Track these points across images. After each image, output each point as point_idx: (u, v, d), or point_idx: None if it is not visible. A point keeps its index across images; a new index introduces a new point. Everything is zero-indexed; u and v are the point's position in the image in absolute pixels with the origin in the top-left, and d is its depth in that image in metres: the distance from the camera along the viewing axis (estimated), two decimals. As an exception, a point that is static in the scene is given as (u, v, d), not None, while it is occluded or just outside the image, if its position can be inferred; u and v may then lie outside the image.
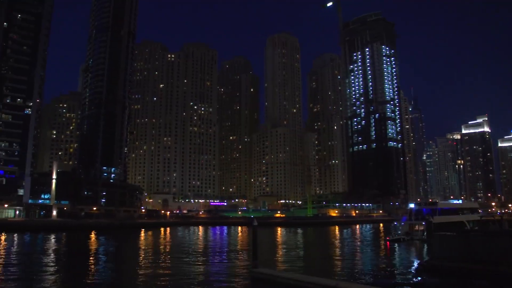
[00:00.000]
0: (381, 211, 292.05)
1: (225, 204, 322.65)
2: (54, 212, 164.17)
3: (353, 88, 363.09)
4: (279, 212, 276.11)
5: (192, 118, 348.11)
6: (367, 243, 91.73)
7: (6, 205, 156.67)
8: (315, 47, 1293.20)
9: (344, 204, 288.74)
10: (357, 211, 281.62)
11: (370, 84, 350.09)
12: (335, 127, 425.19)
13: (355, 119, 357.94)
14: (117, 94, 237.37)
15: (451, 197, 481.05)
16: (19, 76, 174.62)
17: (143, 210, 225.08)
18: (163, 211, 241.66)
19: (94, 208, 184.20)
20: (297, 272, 42.85)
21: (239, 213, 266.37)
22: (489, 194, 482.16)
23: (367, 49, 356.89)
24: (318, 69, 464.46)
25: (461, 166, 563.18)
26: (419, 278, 41.54)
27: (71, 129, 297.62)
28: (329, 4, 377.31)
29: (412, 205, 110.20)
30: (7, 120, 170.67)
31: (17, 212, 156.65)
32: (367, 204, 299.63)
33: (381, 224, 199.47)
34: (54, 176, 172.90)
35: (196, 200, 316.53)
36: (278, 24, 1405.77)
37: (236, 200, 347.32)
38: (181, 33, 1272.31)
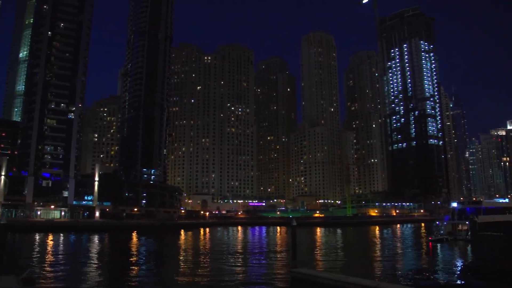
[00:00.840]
0: (422, 211, 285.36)
1: (264, 204, 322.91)
2: (97, 213, 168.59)
3: (392, 85, 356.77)
4: (317, 212, 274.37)
5: (229, 119, 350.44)
6: (408, 243, 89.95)
7: (52, 207, 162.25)
8: (351, 44, 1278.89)
9: (384, 204, 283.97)
10: (397, 211, 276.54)
11: (409, 80, 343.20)
12: (374, 125, 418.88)
13: (394, 117, 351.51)
14: (156, 97, 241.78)
15: (497, 195, 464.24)
16: (62, 82, 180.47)
17: (183, 211, 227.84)
18: (202, 212, 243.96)
19: (135, 209, 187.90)
20: (337, 272, 42.43)
21: (278, 213, 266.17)
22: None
23: (405, 45, 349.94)
24: (355, 67, 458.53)
25: (507, 163, 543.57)
26: (464, 280, 40.37)
27: (111, 132, 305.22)
28: (365, 0, 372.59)
29: (455, 204, 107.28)
30: (52, 125, 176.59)
31: (63, 213, 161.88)
32: (407, 204, 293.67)
33: (423, 224, 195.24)
34: (96, 178, 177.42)
35: (235, 201, 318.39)
36: (313, 23, 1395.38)
37: (275, 200, 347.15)
38: (217, 35, 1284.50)
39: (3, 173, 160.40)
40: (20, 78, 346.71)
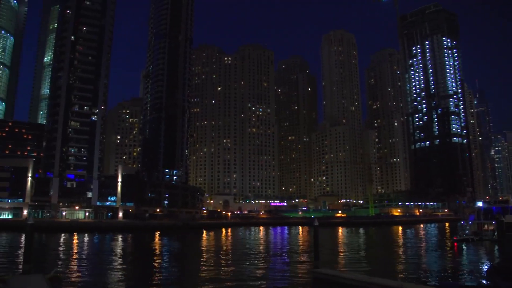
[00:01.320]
0: (446, 210, 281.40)
1: (285, 204, 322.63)
2: (120, 214, 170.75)
3: (414, 83, 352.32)
4: (340, 211, 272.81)
5: (250, 119, 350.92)
6: (433, 244, 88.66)
7: (77, 207, 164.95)
8: (371, 43, 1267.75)
9: (407, 203, 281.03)
10: (420, 210, 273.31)
11: (431, 78, 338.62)
12: (396, 124, 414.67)
13: (417, 115, 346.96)
14: (177, 98, 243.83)
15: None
16: (85, 85, 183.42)
17: (205, 211, 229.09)
18: (224, 212, 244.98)
19: (158, 210, 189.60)
20: (360, 272, 42.10)
21: (300, 213, 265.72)
22: None
23: (427, 42, 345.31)
24: (376, 65, 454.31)
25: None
26: (490, 282, 39.57)
27: (134, 134, 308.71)
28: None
29: (480, 204, 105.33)
30: (75, 127, 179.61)
31: (87, 213, 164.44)
32: (431, 203, 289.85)
33: (447, 224, 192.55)
34: (119, 179, 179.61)
35: (257, 201, 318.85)
36: (333, 21, 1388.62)
37: (296, 200, 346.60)
38: (237, 35, 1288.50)
39: (29, 175, 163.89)
40: (45, 82, 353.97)
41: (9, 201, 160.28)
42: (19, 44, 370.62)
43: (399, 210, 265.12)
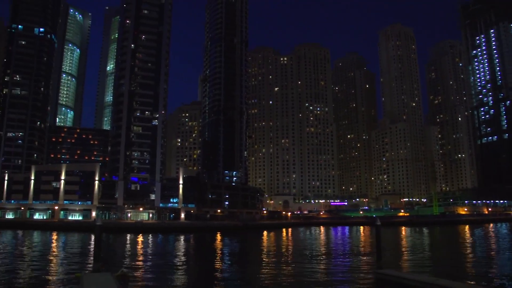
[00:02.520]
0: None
1: (346, 204, 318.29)
2: (182, 215, 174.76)
3: (478, 75, 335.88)
4: (402, 211, 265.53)
5: (308, 119, 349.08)
6: (504, 244, 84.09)
7: (141, 209, 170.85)
8: (430, 36, 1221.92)
9: (474, 201, 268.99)
10: (489, 209, 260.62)
11: (498, 68, 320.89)
12: (460, 119, 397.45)
13: (482, 109, 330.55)
14: (235, 100, 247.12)
15: None
16: (146, 91, 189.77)
17: (265, 212, 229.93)
18: (284, 212, 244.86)
19: (219, 211, 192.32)
20: (424, 274, 40.61)
21: (361, 212, 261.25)
22: None
23: (492, 31, 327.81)
24: (436, 58, 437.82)
25: None
26: None
27: (193, 136, 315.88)
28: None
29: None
30: (138, 132, 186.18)
31: (150, 215, 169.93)
32: (501, 201, 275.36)
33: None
34: (180, 181, 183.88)
35: (316, 201, 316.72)
36: (388, 16, 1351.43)
37: (357, 199, 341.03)
38: (292, 34, 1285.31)
39: (96, 178, 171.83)
40: (108, 89, 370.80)
41: (79, 203, 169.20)
42: (84, 55, 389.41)
43: (465, 209, 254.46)
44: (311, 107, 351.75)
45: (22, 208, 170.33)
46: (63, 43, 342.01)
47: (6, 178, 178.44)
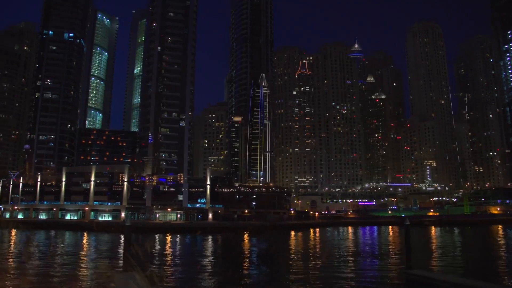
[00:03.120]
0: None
1: (374, 203, 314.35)
2: (210, 215, 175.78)
3: (510, 70, 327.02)
4: (432, 210, 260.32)
5: (335, 118, 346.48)
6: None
7: (169, 209, 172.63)
8: (458, 32, 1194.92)
9: (508, 200, 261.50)
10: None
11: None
12: (491, 116, 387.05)
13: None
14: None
15: None
16: (173, 93, 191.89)
17: (292, 212, 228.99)
18: (311, 212, 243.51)
19: (246, 211, 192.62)
20: (455, 274, 39.70)
21: (389, 212, 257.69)
22: None
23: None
24: (465, 54, 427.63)
25: None
26: None
27: (220, 137, 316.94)
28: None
29: None
30: (165, 133, 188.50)
31: (178, 215, 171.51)
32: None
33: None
34: (208, 182, 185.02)
35: (344, 200, 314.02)
36: (415, 13, 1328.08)
37: (385, 199, 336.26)
38: (317, 33, 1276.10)
39: (125, 179, 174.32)
40: (135, 92, 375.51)
41: (109, 204, 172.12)
42: (112, 58, 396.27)
43: (498, 208, 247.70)
44: (337, 106, 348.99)
45: (54, 209, 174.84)
46: (91, 47, 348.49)
47: (39, 179, 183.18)
